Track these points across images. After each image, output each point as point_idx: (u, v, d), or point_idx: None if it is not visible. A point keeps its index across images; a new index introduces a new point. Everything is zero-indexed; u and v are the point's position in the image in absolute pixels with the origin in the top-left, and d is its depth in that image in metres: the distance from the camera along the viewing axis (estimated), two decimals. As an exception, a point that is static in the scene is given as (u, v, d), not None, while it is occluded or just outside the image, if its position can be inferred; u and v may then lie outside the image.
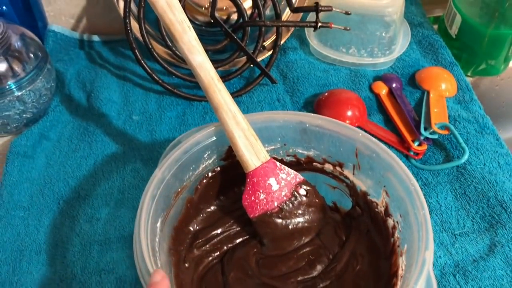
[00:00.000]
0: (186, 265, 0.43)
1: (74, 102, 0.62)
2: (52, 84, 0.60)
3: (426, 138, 0.55)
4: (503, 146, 0.55)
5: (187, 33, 0.41)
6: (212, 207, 0.47)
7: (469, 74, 0.67)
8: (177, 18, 0.40)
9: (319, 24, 0.59)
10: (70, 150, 0.57)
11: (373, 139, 0.42)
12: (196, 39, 0.41)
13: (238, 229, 0.46)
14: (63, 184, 0.53)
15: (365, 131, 0.55)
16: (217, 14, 0.61)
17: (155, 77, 0.61)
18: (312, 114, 0.45)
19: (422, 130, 0.55)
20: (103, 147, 0.57)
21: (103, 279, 0.46)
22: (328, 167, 0.47)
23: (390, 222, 0.42)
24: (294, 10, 0.61)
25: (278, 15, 0.61)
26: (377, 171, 0.42)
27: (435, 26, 0.72)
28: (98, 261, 0.47)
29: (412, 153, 0.55)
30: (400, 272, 0.38)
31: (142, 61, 0.60)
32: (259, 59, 0.65)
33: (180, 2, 0.53)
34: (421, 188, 0.51)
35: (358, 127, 0.57)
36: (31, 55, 0.57)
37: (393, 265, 0.40)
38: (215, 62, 0.62)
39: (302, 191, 0.45)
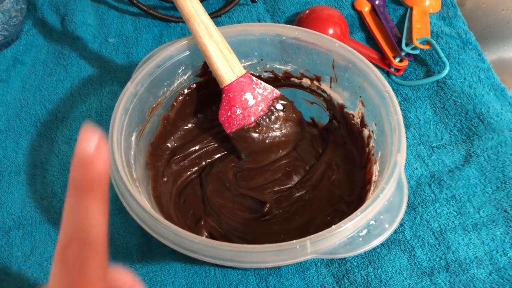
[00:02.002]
0: (165, 179, 0.43)
1: (48, 25, 0.60)
2: (23, 5, 0.57)
3: (407, 54, 0.54)
4: (485, 61, 0.54)
5: None
6: (190, 125, 0.47)
7: (455, -10, 0.65)
8: None
9: None
10: (45, 73, 0.56)
11: (350, 48, 0.41)
12: None
13: (216, 145, 0.46)
14: (40, 107, 0.53)
15: (346, 48, 0.55)
16: None
17: (130, -3, 0.58)
18: (289, 26, 0.44)
19: (403, 46, 0.54)
20: (79, 70, 0.56)
21: (83, 197, 0.46)
22: (305, 81, 0.46)
23: (366, 132, 0.42)
24: None
25: None
26: (353, 81, 0.42)
27: None
28: (78, 180, 0.47)
29: (393, 70, 0.54)
30: (373, 178, 0.39)
31: (114, -20, 0.57)
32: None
33: None
34: (401, 104, 0.51)
35: (339, 45, 0.56)
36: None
37: (367, 173, 0.40)
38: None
39: (279, 106, 0.45)
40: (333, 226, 0.31)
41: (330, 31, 0.56)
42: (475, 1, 0.69)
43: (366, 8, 0.60)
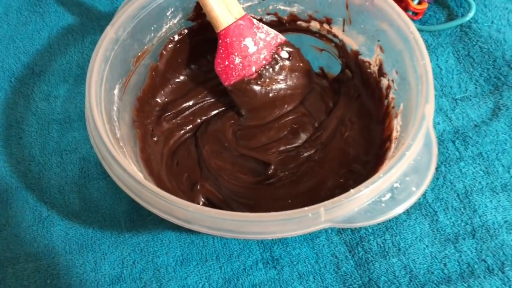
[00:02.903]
0: (155, 139, 0.38)
1: (20, -32, 0.53)
2: None
3: (427, -5, 0.48)
4: (515, 2, 0.48)
5: None
6: (182, 77, 0.41)
7: None
8: None
9: None
10: (19, 23, 0.50)
11: (367, -17, 0.35)
12: None
13: (212, 100, 0.41)
14: (13, 61, 0.47)
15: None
16: None
17: None
18: (294, -42, 0.37)
19: (423, -14, 0.48)
20: (57, 18, 0.50)
21: (64, 159, 0.41)
22: (314, 25, 0.40)
23: (384, 82, 0.36)
24: None
25: None
26: (370, 23, 0.36)
27: None
28: (59, 141, 0.42)
29: (410, 13, 0.48)
30: (394, 134, 0.34)
31: None
32: None
33: None
34: (420, 51, 0.45)
35: (350, -14, 0.50)
36: None
37: (386, 128, 0.35)
38: None
39: (284, 54, 0.39)
40: (352, 190, 0.26)
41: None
42: None
43: None
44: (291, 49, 0.39)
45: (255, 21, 0.38)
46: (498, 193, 0.38)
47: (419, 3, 0.48)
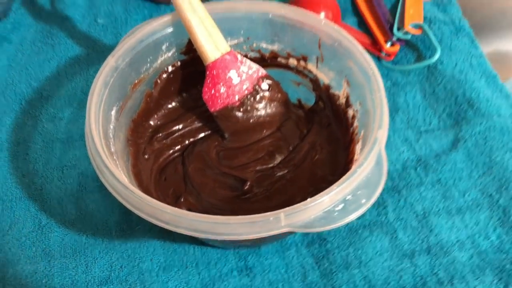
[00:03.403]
0: (146, 156, 0.43)
1: (37, 4, 0.60)
2: (11, -16, 0.57)
3: (399, 39, 0.54)
4: (478, 48, 0.54)
5: None
6: (174, 103, 0.46)
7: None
8: None
9: None
10: (32, 52, 0.55)
11: (336, 27, 0.41)
12: None
13: (200, 124, 0.46)
14: (25, 86, 0.52)
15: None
16: None
17: (120, -23, 0.58)
18: (276, 3, 0.43)
19: (395, 31, 0.54)
20: (66, 49, 0.55)
21: (65, 174, 0.46)
22: (292, 62, 0.45)
23: (350, 112, 0.41)
24: None
25: None
26: (339, 60, 0.41)
27: None
28: (61, 158, 0.47)
29: (384, 54, 0.53)
30: (355, 157, 0.38)
31: (105, -41, 0.57)
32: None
33: None
34: (390, 88, 0.51)
35: (330, 29, 0.56)
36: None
37: (350, 153, 0.39)
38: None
39: (265, 85, 0.44)
40: (309, 199, 0.31)
41: (322, 14, 0.56)
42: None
43: (359, -7, 0.59)
44: (271, 82, 0.44)
45: (239, 56, 0.43)
46: (453, 215, 0.42)
47: (392, 45, 0.54)
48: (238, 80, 0.43)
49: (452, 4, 0.58)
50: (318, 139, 0.43)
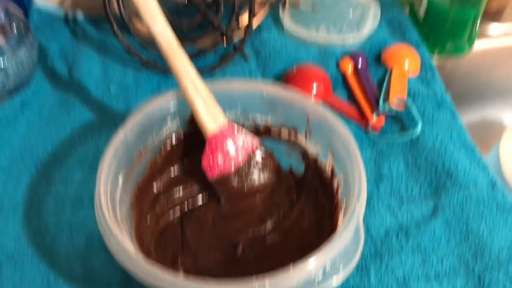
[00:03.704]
0: (148, 220, 0.46)
1: (56, 74, 0.66)
2: (34, 56, 0.63)
3: (384, 112, 0.58)
4: (458, 120, 0.58)
5: (149, 3, 0.44)
6: (175, 170, 0.51)
7: (435, 52, 0.70)
8: (139, -12, 0.43)
9: (287, 1, 0.62)
10: (50, 118, 0.61)
11: (322, 106, 0.46)
12: (157, 9, 0.44)
13: (198, 190, 0.50)
14: (41, 149, 0.57)
15: (329, 105, 0.59)
16: (193, -7, 0.65)
17: (132, 51, 0.64)
18: (269, 83, 0.48)
19: (381, 105, 0.59)
20: (81, 115, 0.61)
21: (74, 233, 0.49)
22: (284, 133, 0.50)
23: (335, 182, 0.45)
24: (265, -11, 0.64)
25: (250, -6, 0.64)
26: (324, 135, 0.46)
27: (408, 8, 0.75)
28: (70, 218, 0.51)
29: (370, 127, 0.58)
30: (338, 225, 0.42)
31: (119, 35, 0.63)
32: (235, 38, 0.68)
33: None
34: (376, 158, 0.55)
35: (322, 101, 0.61)
36: (15, 29, 0.60)
37: (335, 220, 0.43)
38: (191, 39, 0.66)
39: (258, 156, 0.49)
40: (291, 267, 0.34)
41: (315, 87, 0.61)
42: (455, 64, 0.73)
43: (349, 68, 0.64)
44: (264, 152, 0.49)
45: (236, 128, 0.48)
46: (431, 281, 0.44)
47: (378, 118, 0.58)
48: (234, 150, 0.48)
49: (435, 80, 0.63)
50: (306, 206, 0.47)
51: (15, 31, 0.60)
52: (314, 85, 0.61)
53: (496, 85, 0.79)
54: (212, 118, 0.46)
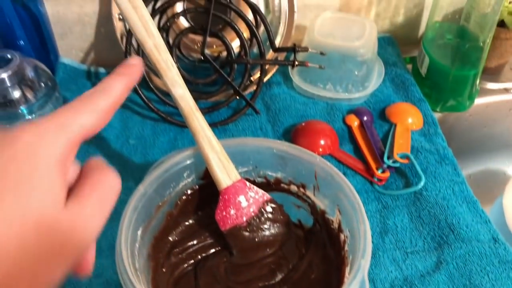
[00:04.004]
0: (163, 270, 0.49)
1: (78, 126, 0.70)
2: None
3: (389, 166, 0.61)
4: (460, 175, 0.61)
5: (171, 70, 0.48)
6: (190, 221, 0.53)
7: (438, 110, 0.74)
8: (162, 58, 0.47)
9: (296, 63, 0.66)
10: (72, 168, 0.64)
11: (329, 163, 0.49)
12: (178, 75, 0.48)
13: (212, 241, 0.52)
14: (63, 198, 0.60)
15: (336, 159, 0.62)
16: (209, 52, 0.69)
17: (151, 105, 0.68)
18: (279, 141, 0.52)
19: (385, 159, 0.62)
20: (101, 167, 0.64)
21: (92, 282, 0.52)
22: (293, 188, 0.53)
23: (342, 237, 0.47)
24: (276, 50, 0.68)
25: (262, 54, 0.68)
26: (331, 191, 0.48)
27: (410, 66, 0.79)
28: (89, 266, 0.53)
29: (376, 180, 0.61)
30: (345, 279, 0.44)
31: (139, 91, 0.67)
32: (247, 92, 0.73)
33: (175, 40, 0.62)
34: (381, 211, 0.57)
35: (330, 155, 0.64)
36: (42, 84, 0.65)
37: (342, 273, 0.45)
38: (206, 94, 0.70)
39: (269, 208, 0.51)
40: (300, 321, 0.36)
41: (322, 142, 0.64)
42: (457, 118, 0.77)
43: (355, 123, 0.68)
44: (274, 205, 0.52)
45: (247, 183, 0.51)
46: (436, 334, 0.46)
47: (383, 172, 0.61)
48: (246, 203, 0.51)
49: (437, 134, 0.67)
50: (314, 259, 0.49)
51: (43, 86, 0.65)
52: (322, 139, 0.64)
53: (498, 138, 0.82)
54: (225, 173, 0.49)
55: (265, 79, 0.72)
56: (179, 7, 0.70)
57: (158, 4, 0.67)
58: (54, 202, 0.25)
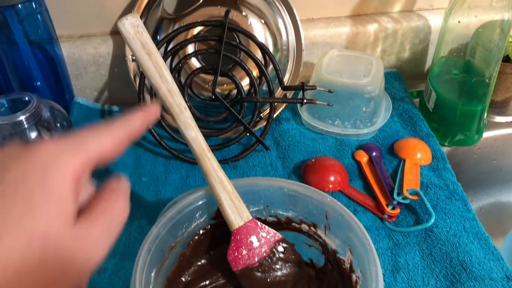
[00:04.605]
0: (176, 310, 0.49)
1: (92, 164, 0.71)
2: (74, 149, 0.69)
3: (399, 203, 0.62)
4: (471, 211, 0.61)
5: (184, 113, 0.49)
6: (203, 261, 0.54)
7: (446, 144, 0.74)
8: (175, 101, 0.49)
9: (305, 101, 0.67)
10: (85, 207, 0.65)
11: (339, 203, 0.49)
12: (191, 118, 0.50)
13: (224, 281, 0.53)
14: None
15: (346, 195, 0.63)
16: (219, 90, 0.71)
17: (163, 143, 0.69)
18: (289, 181, 0.52)
19: (395, 195, 0.62)
20: (114, 205, 0.65)
21: (105, 322, 0.52)
22: (304, 227, 0.53)
23: (354, 277, 0.48)
24: (284, 88, 0.70)
25: (271, 92, 0.70)
26: (342, 231, 0.49)
27: (418, 100, 0.80)
28: (102, 306, 0.54)
29: (386, 216, 0.61)
30: (357, 321, 0.44)
31: (151, 129, 0.69)
32: (257, 128, 0.74)
33: (187, 80, 0.64)
34: (392, 248, 0.57)
35: (339, 191, 0.64)
36: (58, 125, 0.67)
37: (353, 314, 0.45)
38: (217, 131, 0.72)
39: (280, 248, 0.52)
40: None
41: (332, 178, 0.65)
42: (466, 151, 0.77)
43: (364, 159, 0.69)
44: (286, 245, 0.52)
45: (259, 223, 0.51)
46: None
47: (393, 208, 0.62)
48: (257, 243, 0.51)
49: (446, 169, 0.67)
50: (326, 299, 0.49)
51: (59, 126, 0.67)
52: (332, 176, 0.65)
53: (508, 170, 0.82)
54: (237, 214, 0.50)
55: (274, 115, 0.73)
56: (190, 48, 0.72)
57: (170, 46, 0.69)
58: (63, 219, 0.25)
